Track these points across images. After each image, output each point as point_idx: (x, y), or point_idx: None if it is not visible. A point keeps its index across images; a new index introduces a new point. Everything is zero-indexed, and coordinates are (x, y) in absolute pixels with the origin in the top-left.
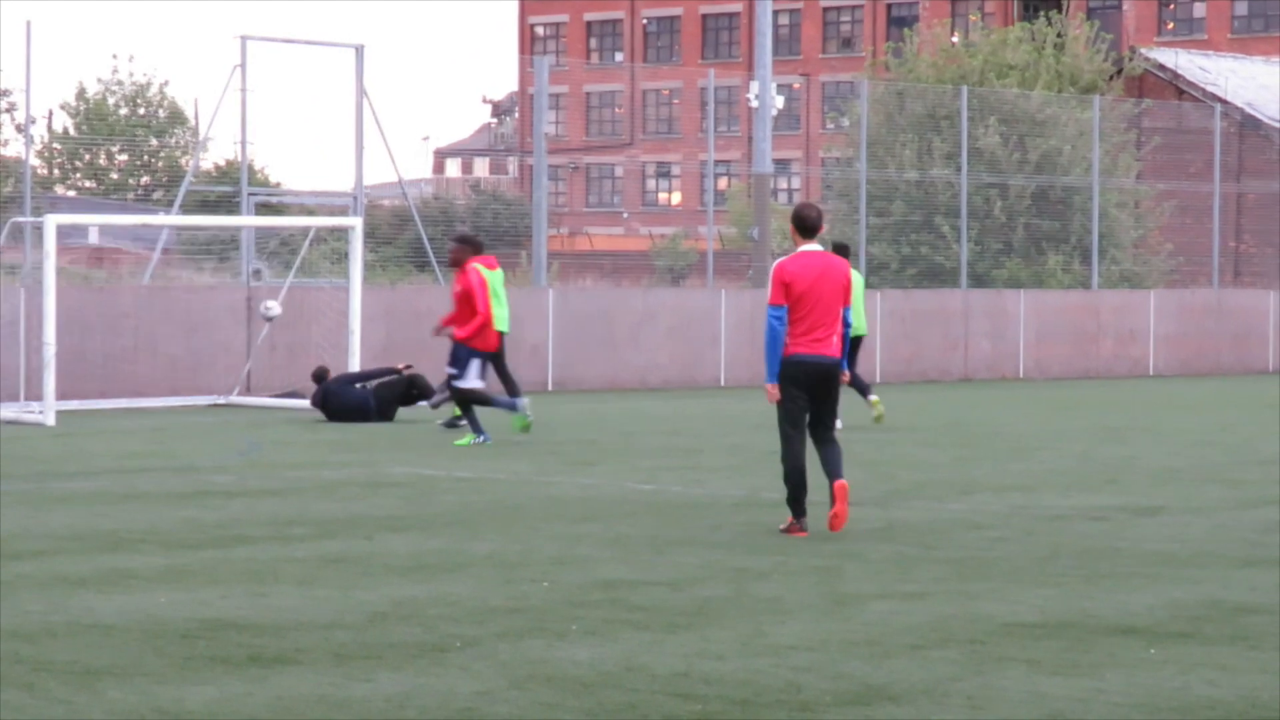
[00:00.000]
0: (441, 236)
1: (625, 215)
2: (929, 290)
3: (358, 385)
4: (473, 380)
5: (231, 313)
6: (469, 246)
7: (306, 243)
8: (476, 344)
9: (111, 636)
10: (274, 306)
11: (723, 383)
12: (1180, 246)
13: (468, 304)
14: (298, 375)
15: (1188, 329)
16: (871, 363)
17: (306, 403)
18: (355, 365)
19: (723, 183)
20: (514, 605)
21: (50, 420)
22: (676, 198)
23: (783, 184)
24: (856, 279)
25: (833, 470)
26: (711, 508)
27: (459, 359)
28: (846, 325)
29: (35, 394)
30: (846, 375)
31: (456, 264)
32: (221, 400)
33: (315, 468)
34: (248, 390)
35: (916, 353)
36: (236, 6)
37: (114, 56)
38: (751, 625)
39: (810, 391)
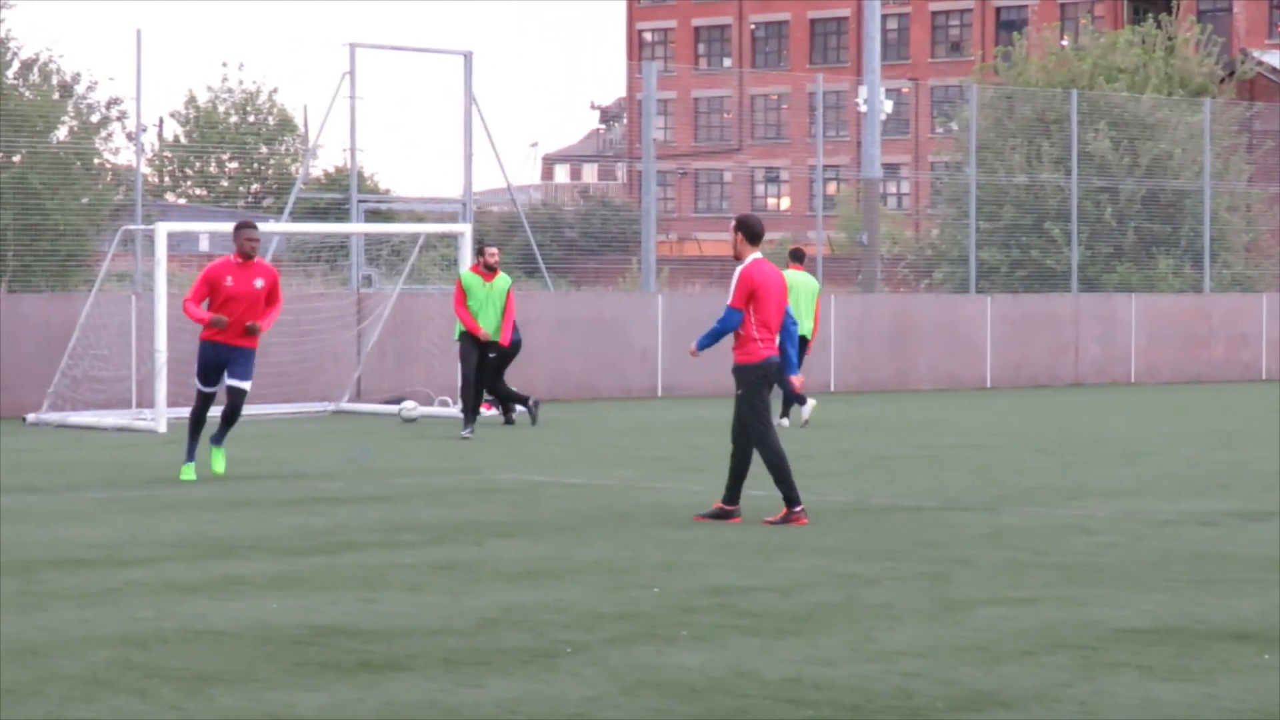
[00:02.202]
0: (550, 243)
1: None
2: (1039, 294)
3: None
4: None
5: (341, 320)
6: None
7: (416, 249)
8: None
9: (223, 643)
10: (414, 408)
11: (832, 388)
12: None
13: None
14: (407, 381)
15: None
16: (982, 367)
17: (421, 409)
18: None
19: (831, 187)
20: (623, 611)
21: (161, 428)
22: (785, 203)
23: (891, 188)
24: (813, 283)
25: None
26: (820, 513)
27: (248, 362)
28: (793, 324)
29: (146, 401)
30: (801, 379)
31: (253, 255)
32: (331, 407)
33: (423, 474)
34: (358, 397)
35: (1026, 357)
36: (345, 14)
37: (224, 64)
38: (861, 631)
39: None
